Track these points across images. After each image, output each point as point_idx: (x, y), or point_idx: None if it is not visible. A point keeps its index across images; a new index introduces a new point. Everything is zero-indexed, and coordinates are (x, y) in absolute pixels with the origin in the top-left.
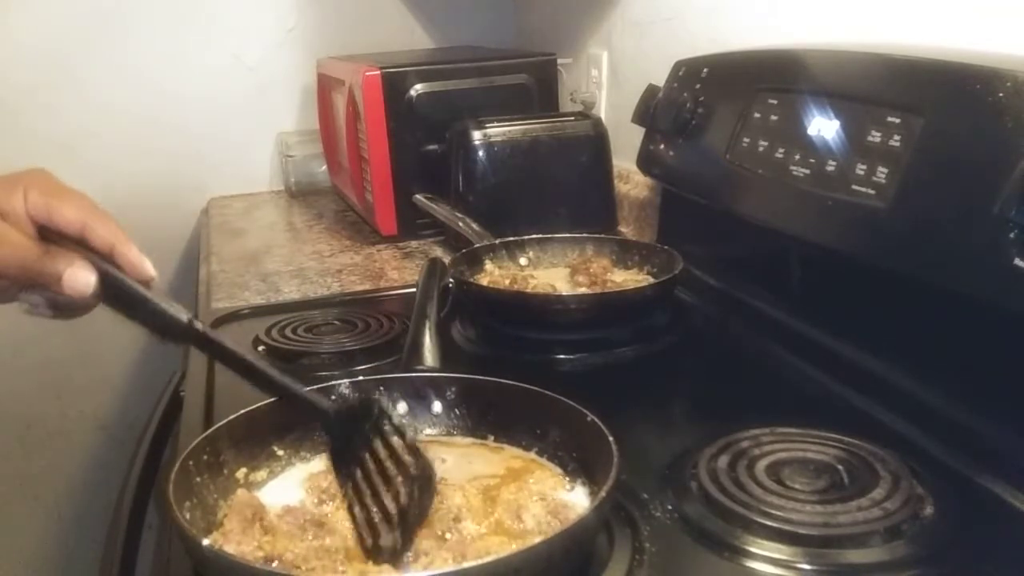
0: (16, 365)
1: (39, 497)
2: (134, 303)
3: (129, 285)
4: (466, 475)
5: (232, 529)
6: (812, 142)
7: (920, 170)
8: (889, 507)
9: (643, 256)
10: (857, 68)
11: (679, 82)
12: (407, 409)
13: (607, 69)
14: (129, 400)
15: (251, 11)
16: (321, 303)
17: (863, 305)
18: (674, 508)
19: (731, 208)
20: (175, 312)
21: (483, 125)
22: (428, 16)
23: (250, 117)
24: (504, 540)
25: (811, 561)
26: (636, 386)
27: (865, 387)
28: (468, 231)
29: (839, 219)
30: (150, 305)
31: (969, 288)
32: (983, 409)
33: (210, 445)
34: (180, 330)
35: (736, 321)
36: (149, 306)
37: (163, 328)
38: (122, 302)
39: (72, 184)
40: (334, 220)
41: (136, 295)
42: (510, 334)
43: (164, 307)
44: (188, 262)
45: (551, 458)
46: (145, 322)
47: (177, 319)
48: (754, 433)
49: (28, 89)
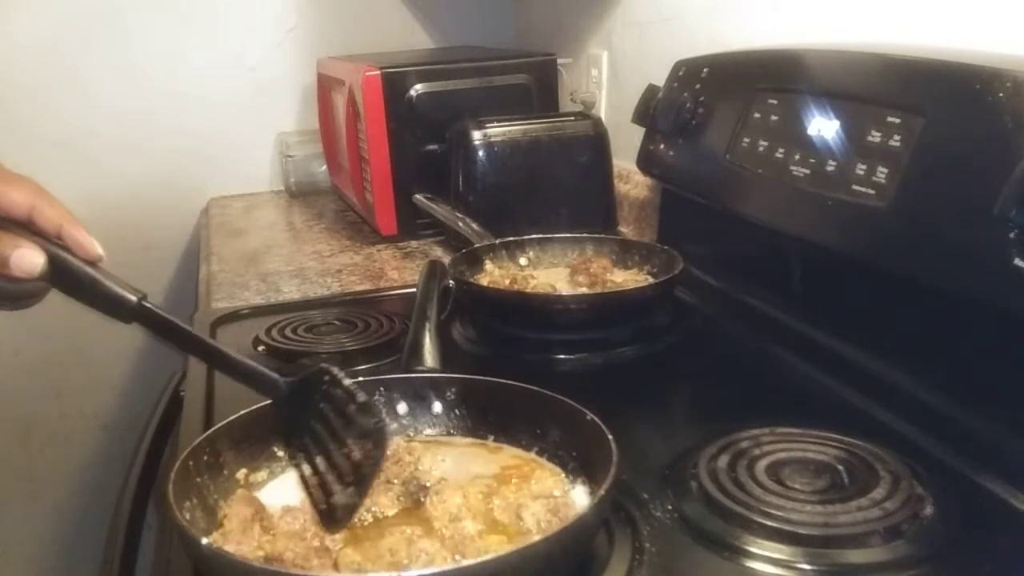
0: (16, 365)
1: (39, 497)
2: (83, 284)
3: (78, 266)
4: (466, 475)
5: (232, 529)
6: (812, 142)
7: (920, 170)
8: (889, 507)
9: (643, 256)
10: (857, 68)
11: (679, 82)
12: (407, 410)
13: (607, 69)
14: (129, 400)
15: (251, 11)
16: (321, 303)
17: (863, 305)
18: (674, 508)
19: (731, 208)
20: (125, 292)
21: (483, 125)
22: (428, 16)
23: (250, 117)
24: (503, 539)
25: (811, 561)
26: (636, 386)
27: (865, 387)
28: (468, 231)
29: (839, 219)
30: (100, 286)
31: (969, 288)
32: (983, 409)
33: (210, 445)
34: (130, 310)
35: (736, 321)
36: (99, 287)
37: (114, 308)
38: (72, 284)
39: (72, 184)
40: (334, 220)
41: (85, 276)
42: (510, 334)
43: (114, 287)
44: (188, 262)
45: (551, 458)
46: (95, 303)
47: (127, 298)
48: (754, 433)
49: (28, 89)
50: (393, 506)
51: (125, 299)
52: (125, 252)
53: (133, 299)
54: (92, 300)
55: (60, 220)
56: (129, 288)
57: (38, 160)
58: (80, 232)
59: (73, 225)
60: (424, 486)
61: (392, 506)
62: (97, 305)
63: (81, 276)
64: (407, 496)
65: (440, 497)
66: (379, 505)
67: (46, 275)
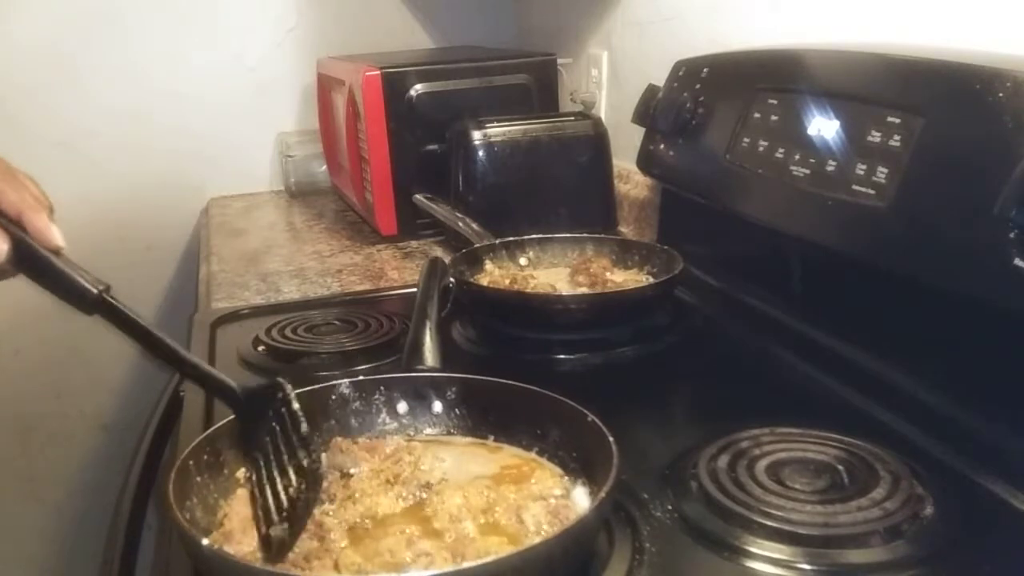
0: (16, 365)
1: (40, 497)
2: (44, 271)
3: (43, 254)
4: (466, 475)
5: (233, 528)
6: (812, 142)
7: (920, 170)
8: (889, 507)
9: (643, 256)
10: (857, 68)
11: (679, 82)
12: (407, 409)
13: (607, 69)
14: (129, 400)
15: (251, 11)
16: (321, 303)
17: (863, 305)
18: (674, 508)
19: (731, 208)
20: (86, 282)
21: (483, 125)
22: (428, 16)
23: (250, 117)
24: (503, 540)
25: (811, 561)
26: (636, 386)
27: (865, 387)
28: (468, 231)
29: (839, 219)
30: (63, 275)
31: (969, 288)
32: (983, 409)
33: (210, 445)
34: (91, 301)
35: (736, 321)
36: (62, 276)
37: (76, 298)
38: (36, 270)
39: (72, 184)
40: (334, 220)
41: (49, 264)
42: (510, 334)
43: (76, 277)
44: (188, 262)
45: (551, 458)
46: (57, 291)
47: (88, 289)
48: (754, 433)
49: (28, 89)
50: (395, 505)
51: (86, 290)
52: (125, 252)
53: (94, 290)
54: (55, 288)
55: (21, 205)
56: (92, 279)
57: (38, 160)
58: (40, 218)
59: (33, 210)
60: (427, 484)
61: (394, 505)
62: (60, 294)
63: (45, 264)
64: (410, 495)
65: (440, 497)
66: (380, 505)
67: (10, 259)
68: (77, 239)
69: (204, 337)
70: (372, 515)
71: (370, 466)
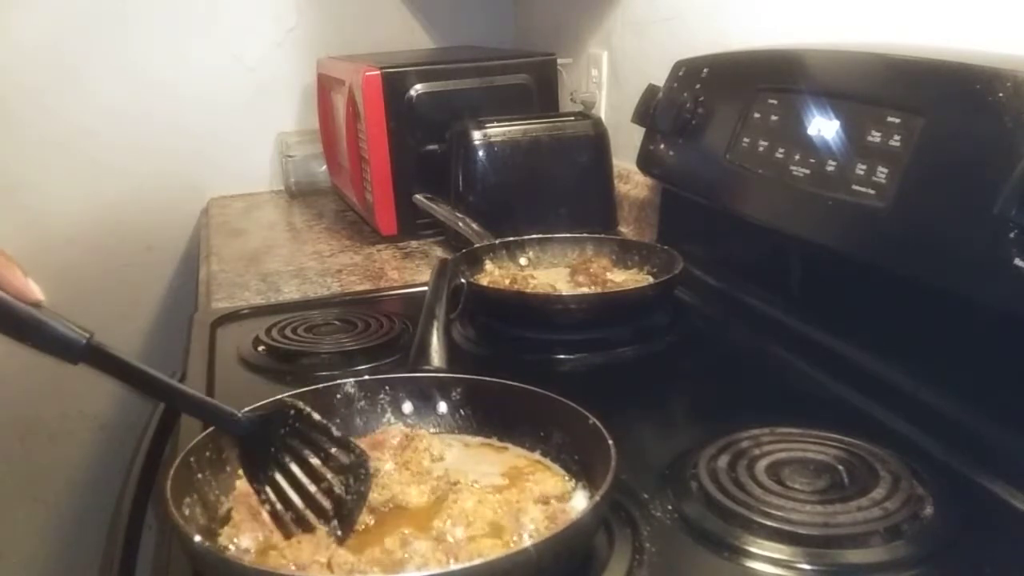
0: (16, 365)
1: (39, 497)
2: (27, 328)
3: (20, 309)
4: (469, 476)
5: (242, 519)
6: (812, 142)
7: (920, 170)
8: (889, 507)
9: (643, 256)
10: (857, 68)
11: (679, 82)
12: (412, 409)
13: (607, 69)
14: (129, 400)
15: (251, 11)
16: (321, 303)
17: (863, 305)
18: (674, 508)
19: (731, 208)
20: (72, 333)
21: (483, 125)
22: (428, 16)
23: (250, 117)
24: (498, 543)
25: (811, 561)
26: (636, 386)
27: (865, 387)
28: (468, 231)
29: (839, 219)
30: (48, 329)
31: (969, 288)
32: (983, 409)
33: (213, 442)
34: (79, 351)
35: (736, 321)
36: (47, 330)
37: (61, 349)
38: (17, 329)
39: (72, 184)
40: (334, 220)
41: (31, 320)
42: (510, 334)
43: (60, 329)
44: (188, 262)
45: (555, 460)
46: (42, 346)
47: (75, 340)
48: (754, 433)
49: (28, 89)
50: (422, 496)
51: (74, 341)
52: (126, 252)
53: (82, 341)
54: (41, 343)
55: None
56: (77, 328)
57: (38, 160)
58: (15, 275)
59: (7, 267)
60: (454, 483)
61: (421, 497)
62: (45, 347)
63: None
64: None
65: (454, 497)
66: (405, 495)
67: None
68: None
69: (204, 337)
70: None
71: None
